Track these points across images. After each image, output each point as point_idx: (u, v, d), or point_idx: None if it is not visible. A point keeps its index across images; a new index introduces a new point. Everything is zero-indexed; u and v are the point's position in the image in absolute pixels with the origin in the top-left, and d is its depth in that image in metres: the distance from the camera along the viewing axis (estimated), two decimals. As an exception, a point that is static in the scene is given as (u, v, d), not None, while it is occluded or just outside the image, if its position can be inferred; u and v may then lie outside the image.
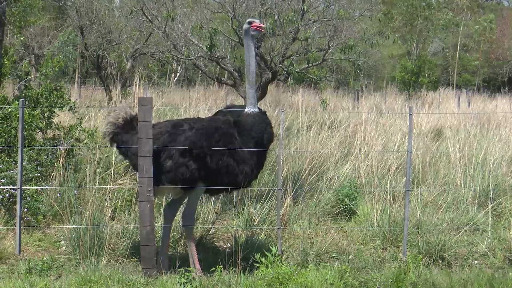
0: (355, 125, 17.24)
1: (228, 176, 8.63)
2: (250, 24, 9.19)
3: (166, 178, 8.62)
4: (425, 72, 47.93)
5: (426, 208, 11.29)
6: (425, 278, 8.38)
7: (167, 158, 8.57)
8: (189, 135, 8.54)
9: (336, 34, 18.76)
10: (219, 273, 8.17)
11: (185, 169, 8.50)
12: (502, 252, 10.02)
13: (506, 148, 14.85)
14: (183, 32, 18.79)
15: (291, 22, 17.92)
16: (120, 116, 9.06)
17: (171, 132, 8.66)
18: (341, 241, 10.46)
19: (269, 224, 10.55)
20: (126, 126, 9.02)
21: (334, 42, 18.80)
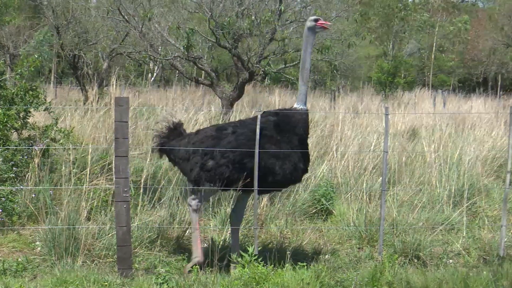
0: (332, 125, 17.26)
1: (270, 175, 8.71)
2: (316, 21, 9.03)
3: (206, 177, 8.71)
4: (401, 72, 48.13)
5: (402, 207, 11.34)
6: (401, 277, 8.41)
7: (210, 158, 8.70)
8: (231, 140, 8.68)
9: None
10: (195, 273, 8.16)
11: (224, 168, 8.61)
12: (476, 251, 10.09)
13: (480, 148, 14.96)
14: (160, 32, 18.79)
15: (268, 23, 17.97)
16: (163, 126, 9.28)
17: (215, 136, 8.84)
18: (318, 241, 10.51)
19: (246, 224, 10.55)
20: (171, 133, 9.25)
21: (311, 42, 18.77)
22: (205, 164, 8.70)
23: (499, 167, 14.81)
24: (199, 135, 9.03)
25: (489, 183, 13.78)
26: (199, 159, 8.76)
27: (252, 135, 8.61)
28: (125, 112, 8.49)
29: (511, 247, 10.32)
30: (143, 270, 8.97)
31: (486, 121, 20.27)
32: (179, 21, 18.65)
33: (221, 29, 18.07)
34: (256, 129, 8.59)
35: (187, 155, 8.92)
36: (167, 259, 9.44)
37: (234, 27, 17.92)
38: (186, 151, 8.92)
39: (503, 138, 16.07)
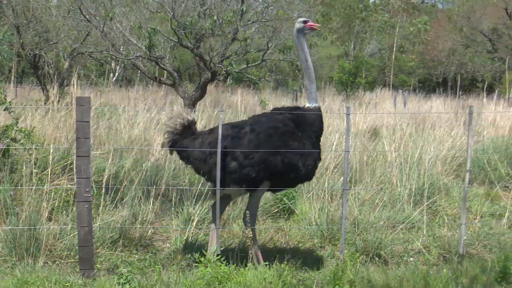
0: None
1: (293, 171, 8.72)
2: (305, 23, 9.12)
3: (231, 179, 8.70)
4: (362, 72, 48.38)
5: (363, 206, 11.43)
6: (362, 276, 8.50)
7: (232, 160, 8.67)
8: (252, 138, 8.66)
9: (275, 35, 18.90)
10: (158, 273, 8.17)
11: (250, 169, 8.60)
12: (436, 249, 10.21)
13: (440, 147, 15.11)
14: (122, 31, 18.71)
15: (230, 23, 17.99)
16: (177, 122, 9.15)
17: (233, 135, 8.77)
18: (280, 240, 10.56)
19: (208, 223, 10.56)
20: (185, 131, 9.14)
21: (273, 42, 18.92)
22: (228, 166, 8.69)
23: (458, 166, 14.99)
24: (214, 135, 8.89)
25: (449, 182, 13.94)
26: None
27: (273, 132, 8.68)
28: (87, 112, 8.46)
29: (471, 245, 10.45)
30: (105, 271, 8.92)
31: (445, 120, 20.50)
32: (141, 21, 18.59)
33: (183, 29, 18.05)
34: (274, 126, 8.72)
35: (203, 155, 8.90)
36: (129, 259, 9.42)
37: (196, 27, 17.91)
38: (202, 152, 8.90)
39: (463, 138, 16.26)
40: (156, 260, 9.28)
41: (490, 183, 14.11)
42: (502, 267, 8.67)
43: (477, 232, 10.78)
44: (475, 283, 8.33)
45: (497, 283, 8.53)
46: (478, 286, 8.29)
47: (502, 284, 8.53)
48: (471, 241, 10.54)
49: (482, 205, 12.37)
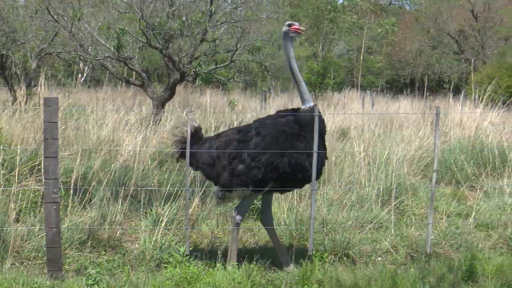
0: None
1: (300, 172, 8.87)
2: (290, 26, 9.28)
3: (238, 181, 8.78)
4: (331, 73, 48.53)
5: (331, 206, 11.48)
6: (331, 275, 8.53)
7: (239, 162, 8.77)
8: (258, 141, 8.75)
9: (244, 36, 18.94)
10: (126, 274, 8.16)
11: (257, 171, 8.70)
12: (404, 248, 10.29)
13: (408, 148, 15.22)
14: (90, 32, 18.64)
15: (199, 23, 18.01)
16: (184, 131, 9.20)
17: (239, 139, 8.88)
18: (249, 240, 10.58)
19: (177, 224, 10.56)
20: (192, 138, 9.13)
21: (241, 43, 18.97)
22: (235, 169, 8.78)
23: (425, 166, 15.10)
24: (221, 139, 9.09)
25: (416, 182, 14.04)
26: (226, 164, 8.86)
27: (279, 135, 8.79)
28: (55, 112, 8.43)
29: (438, 245, 10.53)
30: (74, 272, 8.89)
31: (413, 121, 20.63)
32: (109, 21, 18.53)
33: (152, 29, 18.04)
34: (279, 129, 8.85)
35: (211, 160, 9.00)
36: (98, 260, 9.38)
37: (165, 28, 17.90)
38: (209, 156, 8.99)
39: (430, 138, 16.38)
40: (125, 261, 9.27)
41: (457, 183, 14.23)
42: (468, 266, 8.76)
43: (444, 232, 10.85)
44: (442, 282, 8.41)
45: (464, 282, 8.62)
46: (445, 285, 8.37)
47: (469, 283, 8.61)
48: (438, 241, 10.62)
49: (449, 205, 12.47)
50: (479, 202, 12.50)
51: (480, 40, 55.30)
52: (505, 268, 8.87)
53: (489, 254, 9.93)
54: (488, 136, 16.36)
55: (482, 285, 8.51)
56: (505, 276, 8.65)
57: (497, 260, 9.33)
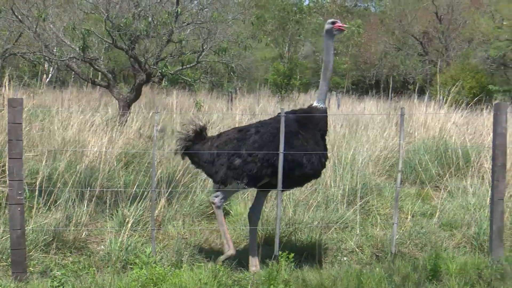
0: (229, 126, 17.38)
1: (297, 168, 8.97)
2: (333, 24, 9.37)
3: (233, 175, 8.96)
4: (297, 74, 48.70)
5: (298, 207, 11.51)
6: (297, 275, 8.57)
7: (237, 157, 8.96)
8: (256, 139, 8.96)
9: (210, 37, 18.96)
10: (92, 276, 8.13)
11: (252, 165, 8.88)
12: (369, 248, 10.37)
13: (373, 148, 15.33)
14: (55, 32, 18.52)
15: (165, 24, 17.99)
16: (190, 129, 9.43)
17: (239, 138, 9.08)
18: (215, 241, 10.58)
19: (144, 225, 10.53)
20: (197, 137, 9.43)
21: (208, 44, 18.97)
22: (232, 163, 8.96)
23: (390, 167, 15.21)
24: (222, 138, 9.31)
25: (381, 182, 14.14)
26: (224, 161, 9.03)
27: (277, 133, 8.91)
28: (19, 113, 8.37)
29: (403, 244, 10.63)
30: (38, 274, 8.83)
31: (378, 122, 20.74)
32: (74, 22, 18.41)
33: (118, 30, 17.97)
34: (279, 127, 8.93)
35: (211, 158, 9.20)
36: (63, 261, 9.33)
37: (131, 29, 17.85)
38: (210, 154, 9.20)
39: (395, 139, 16.48)
40: (91, 262, 9.22)
41: (421, 183, 14.33)
42: (433, 265, 8.84)
43: (409, 231, 10.95)
44: (407, 281, 8.48)
45: (428, 281, 8.69)
46: (410, 284, 8.44)
47: (433, 282, 8.69)
48: (403, 240, 10.71)
49: (413, 205, 12.58)
50: (443, 202, 12.61)
51: (444, 42, 55.80)
52: (469, 267, 8.95)
53: (453, 253, 10.01)
54: (452, 137, 16.51)
55: (446, 284, 8.59)
56: (468, 275, 8.74)
57: (460, 259, 9.41)
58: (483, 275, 8.67)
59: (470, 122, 19.09)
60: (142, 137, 16.65)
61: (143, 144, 15.83)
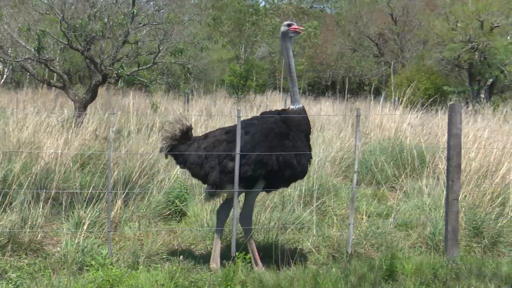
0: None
1: (288, 169, 9.05)
2: (289, 26, 9.45)
3: (228, 179, 8.98)
4: (253, 75, 48.74)
5: (254, 208, 11.53)
6: (254, 276, 8.59)
7: (229, 160, 8.96)
8: (248, 140, 8.97)
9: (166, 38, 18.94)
10: (48, 278, 8.08)
11: (247, 168, 8.90)
12: (326, 249, 10.44)
13: (329, 149, 15.43)
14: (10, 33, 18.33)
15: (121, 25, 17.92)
16: (176, 128, 9.32)
17: (228, 140, 9.09)
18: (172, 242, 10.57)
19: (100, 227, 10.48)
20: (183, 137, 9.32)
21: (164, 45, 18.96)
22: (226, 166, 8.97)
23: (347, 168, 15.31)
24: (209, 140, 9.31)
25: (338, 183, 14.22)
26: (214, 164, 9.05)
27: (268, 132, 9.01)
28: (-26, 114, 8.31)
29: (359, 244, 10.69)
30: (-7, 276, 8.77)
31: (334, 123, 20.90)
32: (29, 23, 18.25)
33: (73, 31, 17.86)
34: (268, 127, 9.10)
35: (199, 160, 9.18)
36: (18, 263, 9.25)
37: (87, 29, 17.75)
38: (198, 156, 9.18)
39: (351, 140, 16.60)
40: (47, 264, 9.15)
41: (377, 184, 14.46)
42: (389, 266, 8.91)
43: (365, 232, 11.02)
44: (363, 281, 8.54)
45: (384, 281, 8.76)
46: (366, 284, 8.51)
47: (389, 282, 8.76)
48: (359, 241, 10.78)
49: (369, 205, 12.67)
50: (399, 202, 12.73)
51: (400, 43, 56.28)
52: (424, 266, 9.04)
53: (408, 253, 10.13)
54: (407, 138, 16.67)
55: (402, 283, 8.67)
56: (424, 274, 8.83)
57: (416, 259, 9.50)
58: (438, 275, 8.76)
59: (425, 123, 19.26)
60: (98, 138, 16.54)
61: (99, 145, 15.73)
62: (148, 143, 14.92)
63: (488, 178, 13.03)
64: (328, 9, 77.77)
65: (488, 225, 10.99)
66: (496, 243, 10.84)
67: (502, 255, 10.59)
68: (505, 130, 16.00)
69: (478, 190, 12.49)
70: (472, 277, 8.71)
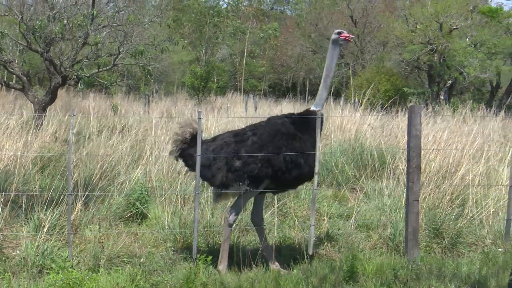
0: (146, 129, 17.34)
1: (296, 169, 9.22)
2: (339, 34, 9.64)
3: (235, 177, 9.11)
4: (214, 77, 48.78)
5: (215, 210, 11.53)
6: (215, 278, 8.61)
7: (237, 159, 9.10)
8: (255, 140, 9.20)
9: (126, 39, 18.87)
10: (7, 281, 8.02)
11: (253, 166, 9.04)
12: (287, 250, 10.45)
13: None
14: (-32, 34, 18.11)
15: (81, 27, 17.81)
16: (187, 132, 9.49)
17: (236, 141, 9.22)
18: (133, 245, 10.50)
19: (60, 229, 10.40)
20: (192, 140, 9.47)
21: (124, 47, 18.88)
22: (233, 165, 9.09)
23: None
24: (217, 142, 9.46)
25: (298, 184, 14.27)
26: (222, 164, 9.16)
27: (275, 133, 9.18)
28: None
29: (320, 246, 10.74)
30: None
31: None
32: (-13, 24, 18.08)
33: (33, 32, 17.72)
34: (276, 128, 9.28)
35: (208, 162, 9.31)
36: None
37: (46, 31, 17.62)
38: (207, 158, 9.30)
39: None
40: (6, 267, 9.07)
41: (338, 185, 14.52)
42: (349, 267, 8.95)
43: (326, 233, 11.10)
44: (324, 282, 8.59)
45: (345, 282, 8.81)
46: (327, 285, 8.56)
47: (350, 283, 8.81)
48: (320, 242, 10.85)
49: (330, 207, 12.74)
50: (359, 203, 12.79)
51: (359, 45, 56.61)
52: (385, 267, 9.13)
53: (369, 254, 10.19)
54: (367, 139, 16.76)
55: (363, 284, 8.73)
56: (384, 275, 8.91)
57: (377, 260, 9.58)
58: (399, 276, 8.83)
59: (385, 125, 19.40)
60: (58, 141, 16.43)
61: (59, 148, 15.63)
62: (109, 145, 14.83)
63: (448, 179, 13.13)
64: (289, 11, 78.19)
65: (448, 225, 11.08)
66: (456, 244, 10.93)
67: (462, 256, 10.69)
68: (464, 131, 16.14)
69: (438, 191, 12.60)
70: (432, 278, 8.80)
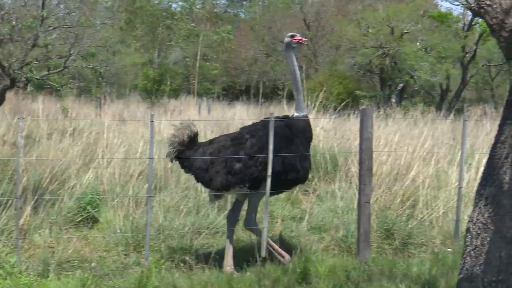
0: (98, 132, 17.17)
1: (292, 172, 9.33)
2: (292, 37, 9.73)
3: (235, 180, 9.14)
4: (167, 80, 48.63)
5: (168, 213, 11.47)
6: (168, 282, 8.53)
7: (236, 162, 9.12)
8: (254, 142, 9.29)
9: (77, 42, 18.63)
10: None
11: (254, 169, 9.12)
12: (240, 253, 10.37)
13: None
14: None
15: (30, 28, 17.53)
16: (185, 134, 9.47)
17: (234, 144, 9.26)
18: (84, 249, 10.37)
19: (8, 234, 10.20)
20: (190, 142, 9.48)
21: (75, 49, 18.65)
22: (232, 168, 9.12)
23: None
24: (214, 145, 9.50)
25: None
26: (220, 168, 9.19)
27: (273, 135, 9.14)
28: None
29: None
30: None
31: (249, 127, 20.88)
32: None
33: (-20, 34, 17.43)
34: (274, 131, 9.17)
35: (205, 165, 9.37)
36: None
37: (-6, 32, 17.34)
38: (204, 161, 9.37)
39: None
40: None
41: (291, 187, 14.53)
42: (302, 269, 8.95)
43: (279, 235, 11.07)
44: (277, 284, 8.57)
45: (298, 283, 8.80)
46: (280, 287, 8.53)
47: (303, 285, 8.80)
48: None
49: (283, 209, 12.72)
50: (312, 205, 12.84)
51: (313, 48, 56.93)
52: (337, 269, 9.13)
53: (322, 256, 10.18)
54: (320, 142, 16.80)
55: (316, 286, 8.72)
56: (337, 276, 8.91)
57: (329, 261, 9.61)
58: (351, 277, 8.85)
59: (338, 127, 19.47)
60: (6, 144, 16.18)
61: (7, 151, 15.38)
62: (59, 148, 14.64)
63: (399, 181, 13.27)
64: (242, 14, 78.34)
65: (399, 227, 11.16)
66: (407, 244, 11.01)
67: (412, 256, 10.75)
68: (415, 133, 16.32)
69: (389, 192, 12.70)
70: (384, 278, 8.82)
